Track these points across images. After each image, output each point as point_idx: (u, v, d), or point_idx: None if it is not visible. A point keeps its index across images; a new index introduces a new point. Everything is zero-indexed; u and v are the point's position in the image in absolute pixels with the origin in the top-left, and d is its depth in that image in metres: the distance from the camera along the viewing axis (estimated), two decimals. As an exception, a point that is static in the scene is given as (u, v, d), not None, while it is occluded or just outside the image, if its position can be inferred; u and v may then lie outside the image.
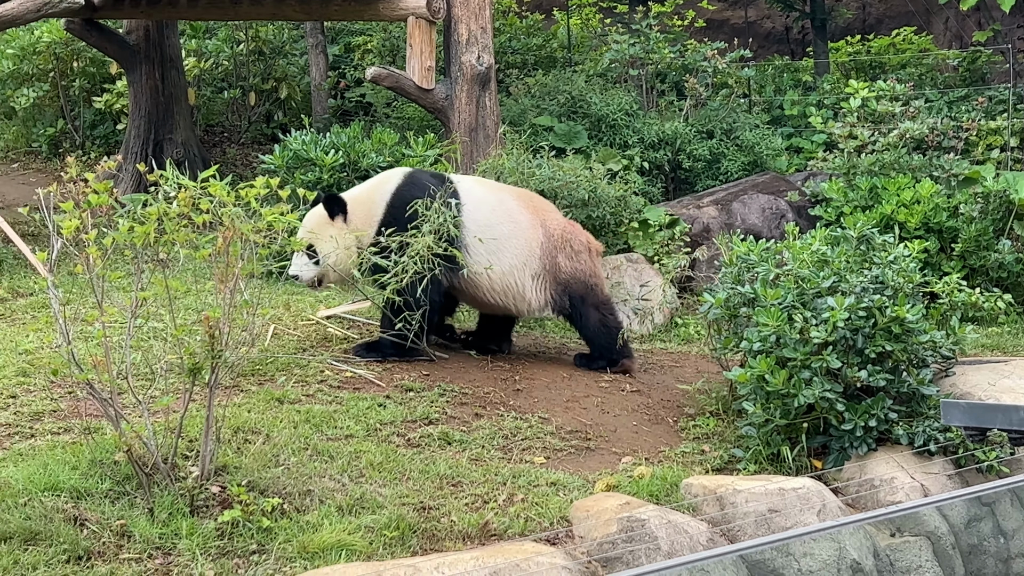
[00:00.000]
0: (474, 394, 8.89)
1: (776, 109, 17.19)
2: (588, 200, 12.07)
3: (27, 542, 6.42)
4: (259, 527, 6.70)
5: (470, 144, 12.85)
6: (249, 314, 7.97)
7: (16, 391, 8.34)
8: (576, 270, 9.48)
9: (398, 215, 9.06)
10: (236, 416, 7.93)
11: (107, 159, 8.04)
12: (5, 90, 16.30)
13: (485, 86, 13.00)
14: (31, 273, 11.20)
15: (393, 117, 15.94)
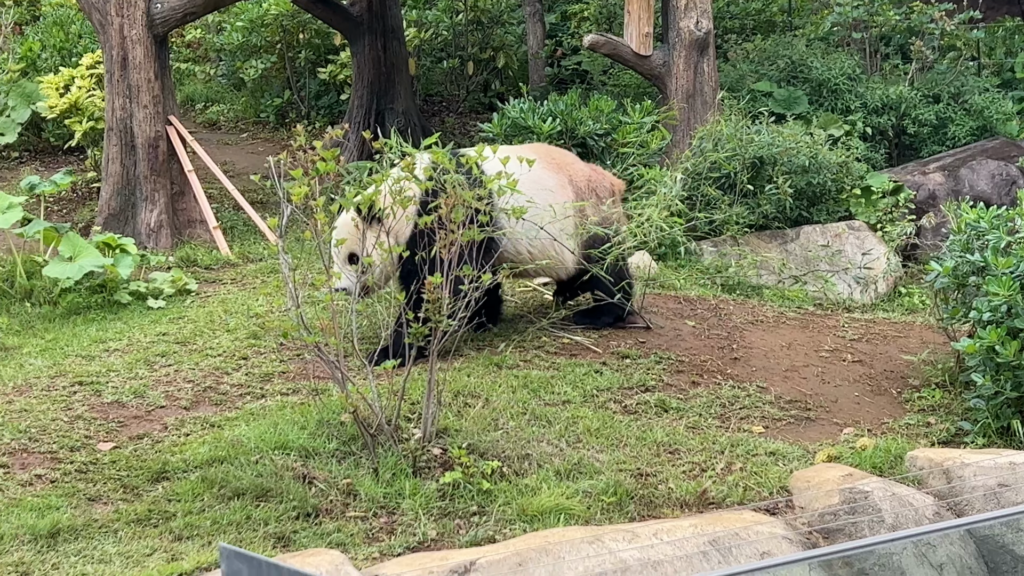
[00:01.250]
0: (691, 362, 8.84)
1: (1007, 72, 16.53)
2: (808, 167, 11.84)
3: (258, 498, 6.66)
4: (479, 489, 6.81)
5: (687, 110, 12.73)
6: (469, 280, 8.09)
7: (247, 353, 8.65)
8: (602, 219, 9.00)
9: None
10: (456, 380, 8.06)
11: (332, 128, 8.23)
12: (235, 62, 16.86)
13: (703, 52, 12.86)
14: (260, 239, 11.58)
15: (610, 84, 15.91)
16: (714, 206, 11.32)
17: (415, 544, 6.36)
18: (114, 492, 6.79)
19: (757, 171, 11.69)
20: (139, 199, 11.41)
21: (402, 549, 6.29)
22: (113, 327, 9.30)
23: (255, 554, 2.41)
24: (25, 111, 13.54)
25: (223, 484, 6.75)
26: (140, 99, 11.34)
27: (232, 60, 17.01)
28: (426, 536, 6.42)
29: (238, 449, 7.13)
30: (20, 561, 6.01)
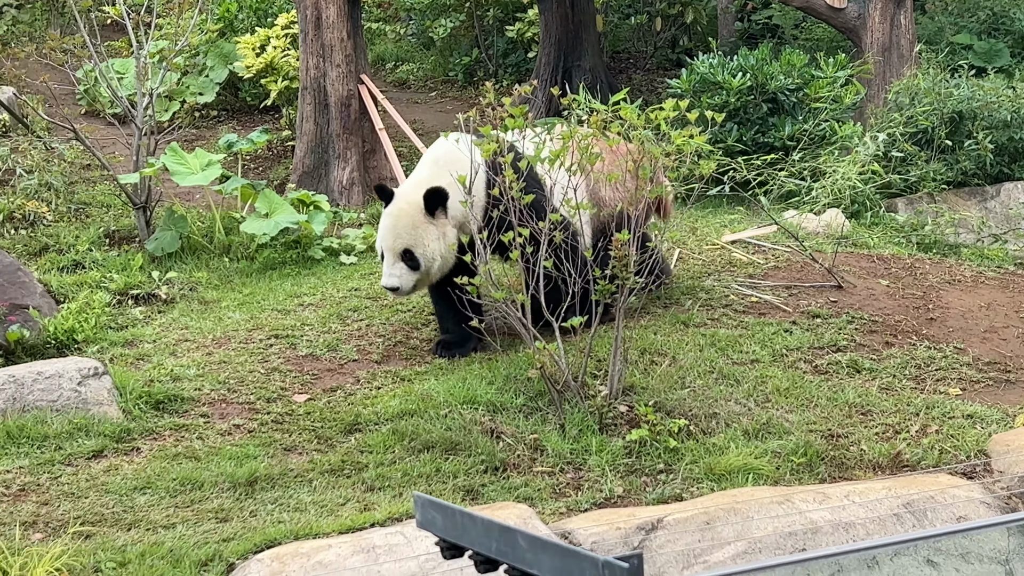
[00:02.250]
0: (884, 322, 8.63)
1: None
2: (1010, 122, 11.42)
3: (447, 451, 6.76)
4: (666, 447, 6.78)
5: (883, 64, 12.39)
6: (656, 236, 8.04)
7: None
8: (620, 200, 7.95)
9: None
10: (643, 338, 8.03)
11: (520, 85, 8.24)
12: (424, 21, 17.02)
13: (900, 4, 12.49)
14: (448, 197, 11.68)
15: (801, 39, 15.58)
16: (910, 162, 11.01)
17: (601, 500, 6.37)
18: (308, 443, 6.96)
19: (956, 126, 11.33)
20: (332, 157, 11.62)
21: (589, 505, 6.31)
22: (307, 282, 9.52)
23: (449, 503, 2.44)
24: (223, 71, 13.90)
25: (413, 437, 6.87)
26: (333, 58, 11.53)
27: (421, 19, 17.17)
28: (613, 492, 6.43)
29: (428, 403, 7.25)
30: (220, 508, 6.21)
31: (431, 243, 7.68)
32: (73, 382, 7.22)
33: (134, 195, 10.28)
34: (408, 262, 7.71)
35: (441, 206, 7.67)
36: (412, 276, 7.75)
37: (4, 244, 9.93)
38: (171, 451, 6.84)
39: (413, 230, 7.68)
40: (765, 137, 11.38)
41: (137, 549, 5.73)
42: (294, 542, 5.70)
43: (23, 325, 8.32)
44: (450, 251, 7.67)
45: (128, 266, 9.64)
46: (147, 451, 6.88)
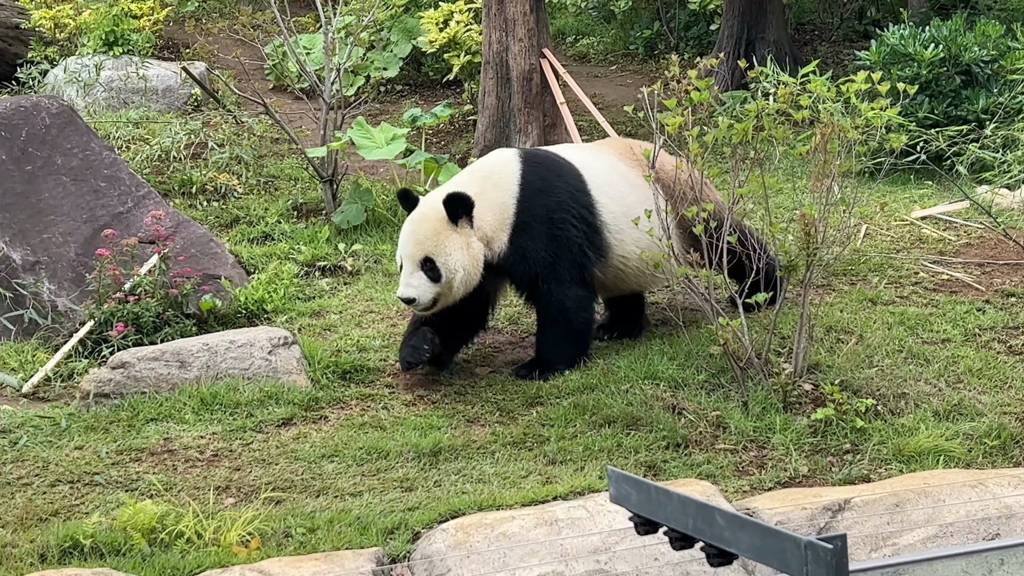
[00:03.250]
0: (1083, 302, 8.31)
1: None
2: None
3: (628, 426, 6.74)
4: (852, 427, 6.65)
5: (1083, 34, 11.90)
6: (844, 213, 7.87)
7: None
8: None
9: (534, 210, 7.38)
10: (828, 315, 7.89)
11: (704, 58, 8.13)
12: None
13: (1103, -30, 11.99)
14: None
15: (996, 8, 15.06)
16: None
17: (786, 479, 6.28)
18: (491, 415, 7.02)
19: None
20: (513, 131, 11.66)
21: (772, 484, 6.22)
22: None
23: (643, 479, 2.42)
24: (406, 46, 14.05)
25: (594, 411, 6.87)
26: (516, 32, 11.56)
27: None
28: (797, 472, 6.33)
29: (609, 377, 7.24)
30: (405, 477, 6.30)
31: (454, 252, 7.13)
32: (264, 351, 7.40)
33: (321, 168, 10.48)
34: (428, 272, 7.16)
35: (466, 214, 7.17)
36: (432, 288, 7.17)
37: (197, 215, 10.21)
38: (357, 420, 6.97)
39: (435, 237, 7.15)
40: (958, 110, 11.05)
41: (325, 516, 5.85)
42: (478, 513, 5.75)
43: (215, 295, 8.56)
44: (475, 265, 7.18)
45: (315, 238, 9.83)
46: (334, 420, 7.02)
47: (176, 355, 7.36)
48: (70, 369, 7.83)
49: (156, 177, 10.93)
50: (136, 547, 5.56)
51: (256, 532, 5.67)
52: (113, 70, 12.79)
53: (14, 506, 6.12)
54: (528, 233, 7.32)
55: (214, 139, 11.56)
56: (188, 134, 11.51)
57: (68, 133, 9.35)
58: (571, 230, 7.38)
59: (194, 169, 11.12)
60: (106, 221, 8.93)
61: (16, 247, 8.59)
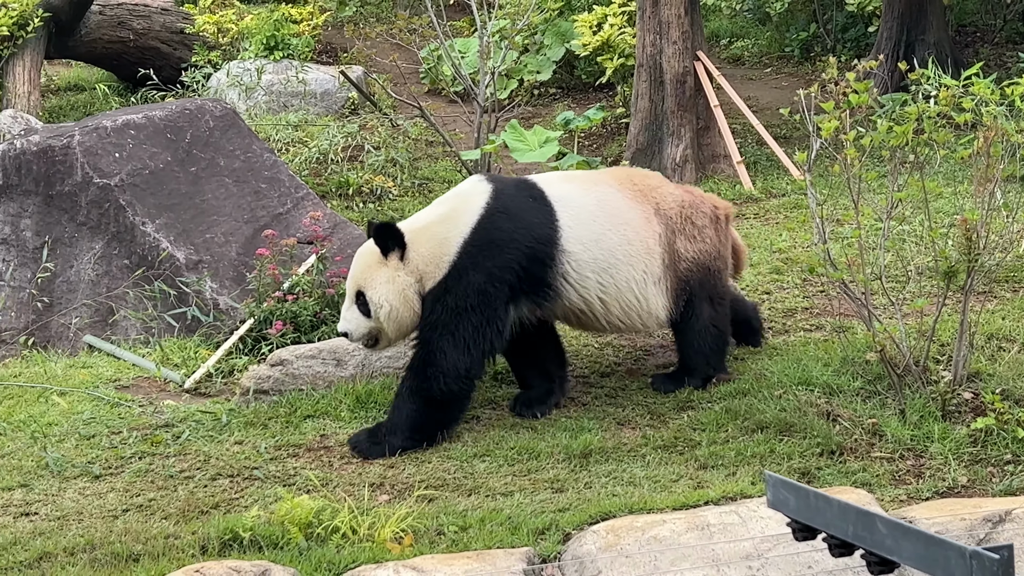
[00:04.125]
0: None
1: None
2: None
3: (781, 432, 6.67)
4: (1014, 437, 6.48)
5: None
6: (1007, 218, 7.69)
7: (770, 288, 8.66)
8: (700, 252, 7.25)
9: (479, 257, 6.76)
10: (989, 323, 7.70)
11: (861, 60, 8.02)
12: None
13: None
14: (783, 174, 11.52)
15: None
16: None
17: (943, 489, 6.15)
18: (641, 417, 7.01)
19: None
20: (665, 134, 11.63)
21: (930, 493, 6.10)
22: (640, 258, 9.55)
23: (802, 484, 2.40)
24: (559, 49, 14.10)
25: (746, 416, 6.81)
26: (670, 35, 11.52)
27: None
28: (956, 482, 6.20)
29: (761, 383, 7.17)
30: (556, 478, 6.33)
31: (380, 286, 6.72)
32: (417, 351, 7.48)
33: (474, 171, 10.58)
34: (360, 306, 6.81)
35: (396, 247, 6.73)
36: (364, 322, 6.78)
37: (353, 217, 10.39)
38: (508, 421, 7.02)
39: (367, 270, 6.78)
40: None
41: (477, 514, 5.91)
42: (628, 516, 5.75)
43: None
44: (402, 300, 6.71)
45: (468, 240, 9.92)
46: (486, 420, 7.08)
47: (332, 353, 7.50)
48: (230, 366, 8.03)
49: (314, 179, 11.15)
50: (293, 541, 5.68)
51: (409, 529, 5.75)
52: (273, 74, 13.08)
53: (176, 498, 6.30)
54: (460, 280, 6.73)
55: (370, 142, 11.74)
56: (345, 137, 11.72)
57: (231, 136, 9.59)
58: (502, 294, 6.75)
59: (350, 171, 11.31)
60: (266, 222, 9.15)
61: (180, 246, 8.85)
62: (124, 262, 8.84)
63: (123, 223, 8.89)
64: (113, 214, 8.94)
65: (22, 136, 9.70)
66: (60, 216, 9.05)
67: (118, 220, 8.92)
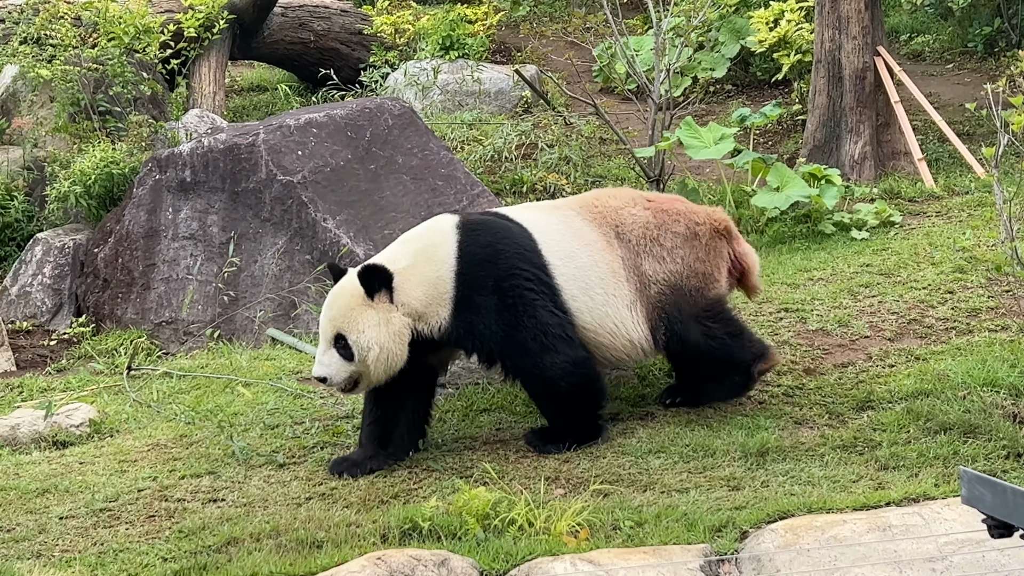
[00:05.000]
0: None
1: None
2: None
3: (965, 434, 6.52)
4: None
5: None
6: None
7: (953, 287, 8.45)
8: (670, 274, 6.89)
9: (477, 282, 6.64)
10: None
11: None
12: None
13: None
14: (966, 171, 11.23)
15: None
16: None
17: None
18: (819, 417, 6.92)
19: None
20: (843, 131, 11.43)
21: (1123, 500, 5.89)
22: (817, 256, 9.43)
23: (1000, 480, 2.35)
24: (734, 46, 13.96)
25: (928, 417, 6.67)
26: (849, 30, 11.33)
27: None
28: None
29: (944, 383, 7.01)
30: (731, 476, 6.29)
31: (368, 329, 6.49)
32: (593, 346, 7.50)
33: (648, 168, 10.56)
34: (341, 350, 6.55)
35: (384, 288, 6.54)
36: (346, 367, 6.55)
37: (527, 214, 10.45)
38: (684, 418, 6.99)
39: (349, 312, 6.54)
40: None
41: (652, 510, 5.90)
42: (807, 515, 5.69)
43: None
44: (396, 342, 6.51)
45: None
46: (660, 416, 7.07)
47: (508, 348, 7.56)
48: (408, 359, 8.14)
49: (488, 176, 11.26)
50: (471, 531, 5.75)
51: (585, 523, 5.78)
52: (449, 73, 13.24)
53: (357, 487, 6.44)
54: (473, 307, 6.62)
55: (544, 140, 11.80)
56: (519, 135, 11.80)
57: (409, 134, 9.75)
58: (526, 295, 6.64)
59: (524, 169, 11.39)
60: (442, 218, 9.27)
61: (360, 242, 9.02)
62: (306, 257, 9.05)
63: (305, 219, 9.11)
64: (296, 210, 9.16)
65: (209, 135, 10.01)
66: (245, 212, 9.32)
67: (300, 216, 9.14)
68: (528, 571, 5.38)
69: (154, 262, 9.45)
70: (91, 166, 10.01)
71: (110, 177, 10.01)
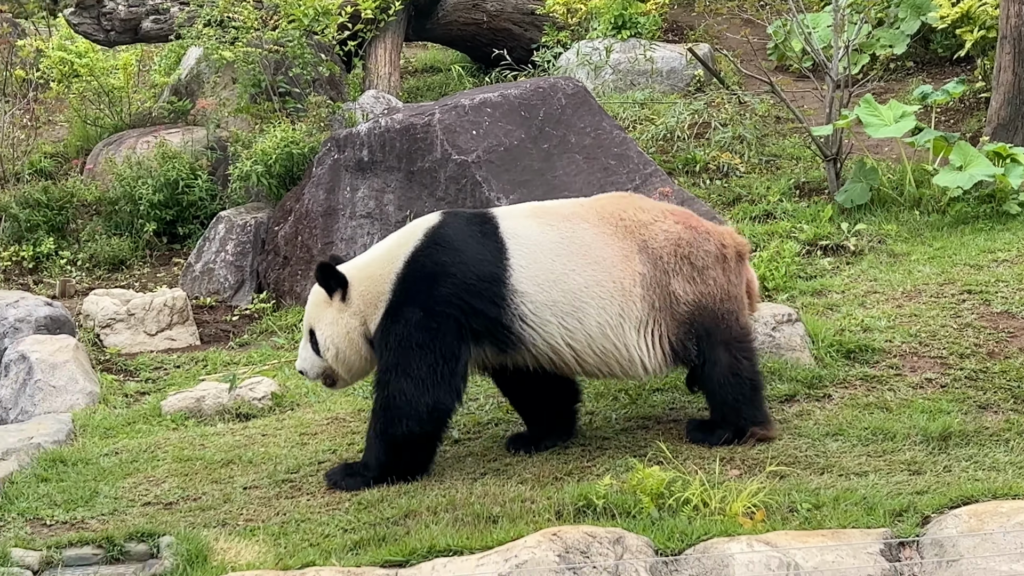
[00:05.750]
0: None
1: None
2: None
3: None
4: None
5: None
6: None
7: None
8: (702, 295, 6.55)
9: (413, 292, 6.44)
10: None
11: None
12: None
13: None
14: None
15: None
16: None
17: None
18: (1004, 401, 6.75)
19: None
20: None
21: None
22: (1001, 237, 9.16)
23: None
24: (914, 23, 13.60)
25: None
26: (1037, 4, 10.95)
27: None
28: None
29: None
30: (912, 460, 6.17)
31: (326, 327, 6.55)
32: (767, 327, 7.44)
33: (825, 147, 10.37)
34: (313, 345, 6.65)
35: (338, 287, 6.51)
36: (318, 362, 6.64)
37: (700, 193, 10.37)
38: (862, 400, 6.88)
39: (315, 309, 6.65)
40: None
41: (830, 493, 5.82)
42: (992, 501, 5.54)
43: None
44: (348, 343, 6.52)
45: (817, 217, 9.76)
46: (838, 399, 6.96)
47: (682, 328, 7.52)
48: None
49: (661, 156, 11.19)
50: (645, 510, 5.75)
51: (761, 504, 5.73)
52: (620, 53, 13.18)
53: (531, 464, 6.49)
54: (398, 318, 6.44)
55: (717, 119, 11.68)
56: (691, 114, 11.70)
57: (581, 113, 9.75)
58: (449, 327, 6.39)
59: (697, 148, 11.29)
60: (615, 197, 9.25)
61: (532, 221, 9.06)
62: (480, 236, 9.12)
63: (479, 198, 9.18)
64: (470, 189, 9.25)
65: (386, 115, 10.15)
66: (420, 191, 9.44)
67: (474, 195, 9.22)
68: (704, 551, 5.36)
69: (332, 240, 9.64)
70: (272, 146, 10.24)
71: (290, 157, 10.23)
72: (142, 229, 10.94)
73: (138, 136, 11.92)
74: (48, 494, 6.65)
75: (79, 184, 11.42)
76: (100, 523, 6.29)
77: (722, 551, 5.31)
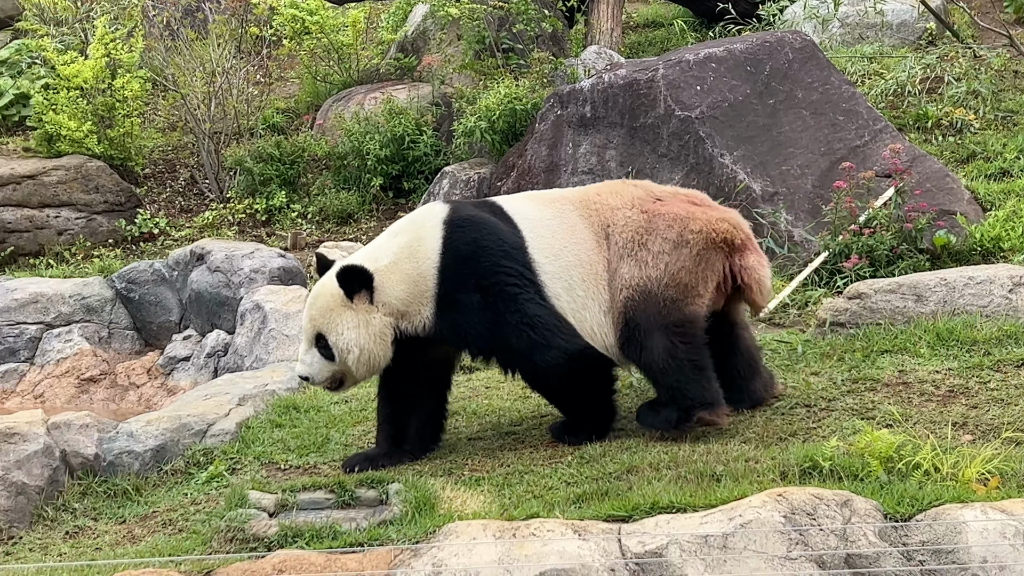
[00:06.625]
0: None
1: None
2: None
3: None
4: None
5: None
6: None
7: None
8: (644, 279, 6.31)
9: (460, 280, 6.37)
10: None
11: None
12: None
13: None
14: None
15: None
16: None
17: None
18: None
19: None
20: None
21: None
22: None
23: None
24: None
25: None
26: None
27: None
28: None
29: None
30: None
31: (347, 331, 6.38)
32: (1004, 289, 7.19)
33: (1066, 102, 9.93)
34: (322, 350, 6.46)
35: (364, 288, 6.37)
36: (327, 366, 6.47)
37: (932, 150, 10.07)
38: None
39: (328, 313, 6.42)
40: None
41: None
42: None
43: (950, 230, 8.42)
44: (377, 342, 6.38)
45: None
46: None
47: (913, 288, 7.34)
48: (805, 297, 8.06)
49: (890, 112, 10.90)
50: (873, 473, 5.63)
51: (996, 471, 5.55)
52: (849, 5, 12.86)
53: (755, 424, 6.43)
54: (456, 307, 6.40)
55: (950, 73, 11.30)
56: (923, 68, 11.35)
57: (809, 68, 9.56)
58: (508, 290, 6.37)
59: (929, 104, 10.96)
60: (842, 154, 9.06)
61: (756, 178, 8.94)
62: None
63: (702, 155, 9.10)
64: (693, 146, 9.17)
65: (608, 71, 10.13)
66: (643, 147, 9.40)
67: (697, 152, 9.14)
68: (935, 517, 5.23)
69: (554, 196, 9.69)
70: (495, 102, 10.35)
71: (513, 113, 10.31)
72: (369, 183, 11.20)
73: (366, 92, 12.18)
74: (282, 439, 6.89)
75: (309, 139, 11.75)
76: (332, 468, 6.50)
77: (954, 517, 5.17)
